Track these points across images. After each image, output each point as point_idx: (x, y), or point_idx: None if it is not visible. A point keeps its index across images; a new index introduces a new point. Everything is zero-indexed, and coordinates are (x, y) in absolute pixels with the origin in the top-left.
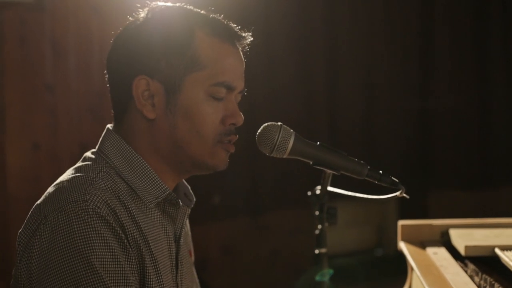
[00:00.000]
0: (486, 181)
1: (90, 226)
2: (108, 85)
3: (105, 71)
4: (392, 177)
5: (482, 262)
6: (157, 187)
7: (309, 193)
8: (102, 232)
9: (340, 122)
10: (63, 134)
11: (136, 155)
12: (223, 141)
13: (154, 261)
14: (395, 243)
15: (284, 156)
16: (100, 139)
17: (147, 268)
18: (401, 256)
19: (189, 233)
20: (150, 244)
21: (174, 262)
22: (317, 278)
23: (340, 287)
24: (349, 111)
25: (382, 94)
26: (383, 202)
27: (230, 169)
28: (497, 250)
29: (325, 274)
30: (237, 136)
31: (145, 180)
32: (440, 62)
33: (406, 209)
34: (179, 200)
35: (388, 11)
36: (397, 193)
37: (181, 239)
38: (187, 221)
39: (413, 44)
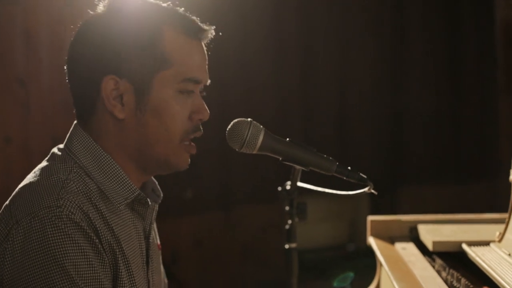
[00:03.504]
0: (456, 177)
1: (64, 232)
2: (68, 82)
3: (65, 67)
4: (361, 174)
5: (450, 257)
6: (126, 188)
7: (279, 188)
8: (76, 238)
9: (313, 119)
10: (35, 128)
11: (105, 154)
12: (187, 141)
13: (126, 262)
14: (366, 239)
15: (254, 152)
16: (68, 135)
17: (120, 271)
18: (372, 251)
19: (155, 225)
20: (123, 245)
21: (145, 259)
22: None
23: (312, 282)
24: (322, 108)
25: (355, 91)
26: (354, 198)
27: (202, 164)
28: (464, 246)
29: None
30: (202, 132)
31: (114, 181)
32: (413, 59)
33: (377, 205)
34: (148, 200)
35: (363, 7)
36: (365, 189)
37: (151, 234)
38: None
39: (386, 40)
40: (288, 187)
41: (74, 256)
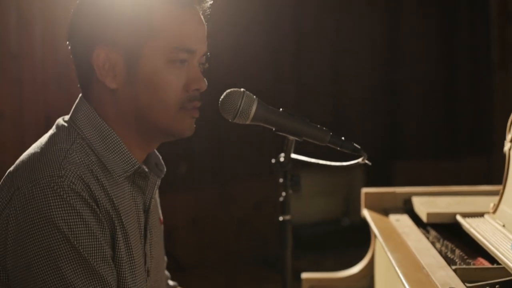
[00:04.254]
0: (450, 152)
1: (66, 201)
2: (71, 55)
3: (67, 41)
4: (355, 144)
5: (444, 229)
6: (126, 160)
7: (273, 160)
8: (77, 207)
9: (307, 92)
10: (29, 103)
11: (107, 127)
12: (187, 107)
13: (125, 233)
14: (360, 212)
15: (247, 122)
16: (73, 107)
17: (118, 242)
18: (367, 225)
19: (158, 200)
20: (122, 217)
21: (142, 232)
22: None
23: (307, 256)
24: (316, 81)
25: (349, 66)
26: (348, 172)
27: (197, 139)
28: (458, 217)
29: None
30: (201, 101)
31: (115, 154)
32: (408, 35)
33: (372, 179)
34: (148, 173)
35: None
36: (359, 160)
37: (150, 209)
38: (157, 190)
39: (381, 14)
40: (282, 159)
41: (75, 224)
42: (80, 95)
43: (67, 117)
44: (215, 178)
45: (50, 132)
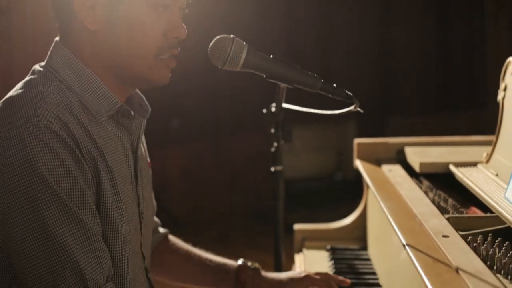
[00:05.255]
0: (443, 107)
1: (42, 142)
2: None
3: None
4: (347, 91)
5: (437, 179)
6: (107, 100)
7: (264, 110)
8: (54, 148)
9: (297, 46)
10: (18, 58)
11: (85, 68)
12: (164, 56)
13: (110, 173)
14: (354, 168)
15: (237, 69)
16: (49, 52)
17: (103, 181)
18: (360, 180)
19: (145, 144)
20: (106, 157)
21: (133, 173)
22: None
23: (300, 211)
24: (307, 39)
25: (341, 21)
26: (342, 127)
27: (189, 94)
28: (451, 167)
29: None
30: (179, 49)
31: (96, 94)
32: None
33: (365, 134)
34: (132, 112)
35: None
36: (352, 107)
37: (138, 149)
38: (143, 135)
39: None
40: (273, 109)
41: (53, 166)
42: (56, 39)
43: (43, 63)
44: (208, 132)
45: (26, 78)
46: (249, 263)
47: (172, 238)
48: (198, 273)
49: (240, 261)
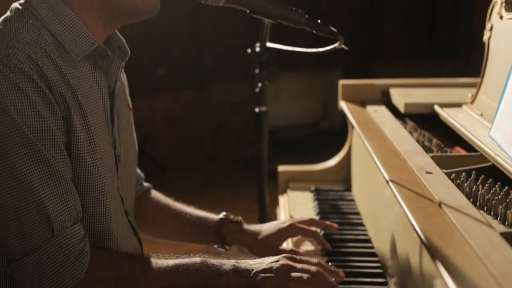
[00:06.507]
0: (430, 54)
1: (12, 81)
2: None
3: None
4: (331, 27)
5: (421, 120)
6: (85, 39)
7: (248, 50)
8: (24, 88)
9: None
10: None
11: (64, 6)
12: None
13: (82, 114)
14: (339, 116)
15: (220, 4)
16: None
17: (73, 122)
18: (345, 128)
19: (127, 88)
20: (79, 98)
21: (109, 115)
22: None
23: (285, 158)
24: None
25: None
26: (327, 75)
27: (175, 41)
28: (436, 107)
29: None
30: None
31: (73, 32)
32: None
33: None
34: (109, 53)
35: None
36: (336, 44)
37: (116, 92)
38: (124, 76)
39: None
40: (257, 49)
41: (22, 106)
42: None
43: (22, 0)
44: (193, 80)
45: (4, 16)
46: (231, 216)
47: (154, 192)
48: (178, 227)
49: (221, 215)
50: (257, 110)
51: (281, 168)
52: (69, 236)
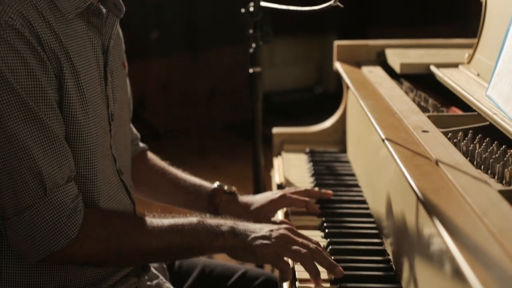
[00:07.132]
0: (426, 18)
1: (3, 39)
2: None
3: None
4: None
5: (417, 81)
6: None
7: (242, 10)
8: (15, 45)
9: None
10: None
11: None
12: None
13: (74, 72)
14: (334, 81)
15: None
16: None
17: (66, 80)
18: (340, 93)
19: (123, 45)
20: (71, 56)
21: (102, 74)
22: None
23: (280, 123)
24: None
25: None
26: (322, 40)
27: (168, 5)
28: (432, 67)
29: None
30: None
31: None
32: None
33: None
34: (103, 10)
35: None
36: (331, 2)
37: (109, 50)
38: (120, 32)
39: None
40: (251, 9)
41: (13, 64)
42: None
43: None
44: (187, 44)
45: None
46: (225, 187)
47: (150, 154)
48: (171, 191)
49: (216, 184)
50: (251, 71)
51: (276, 130)
52: (61, 194)
